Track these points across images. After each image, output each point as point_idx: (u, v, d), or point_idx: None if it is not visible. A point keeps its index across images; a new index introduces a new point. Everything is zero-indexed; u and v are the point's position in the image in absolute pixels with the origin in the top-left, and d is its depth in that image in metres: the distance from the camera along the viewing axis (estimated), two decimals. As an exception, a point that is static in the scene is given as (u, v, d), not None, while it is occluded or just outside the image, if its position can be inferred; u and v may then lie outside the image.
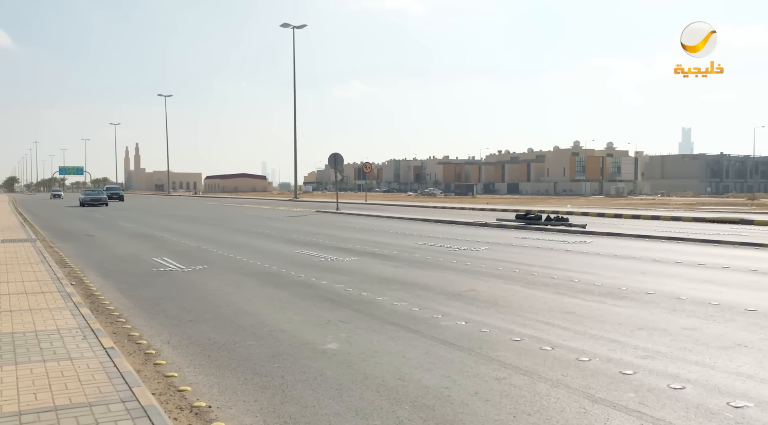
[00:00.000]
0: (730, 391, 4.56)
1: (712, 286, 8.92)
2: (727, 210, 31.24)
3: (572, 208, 32.00)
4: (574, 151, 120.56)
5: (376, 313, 7.36)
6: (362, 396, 4.53)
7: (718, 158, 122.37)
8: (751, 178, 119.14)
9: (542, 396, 4.51)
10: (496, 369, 5.16)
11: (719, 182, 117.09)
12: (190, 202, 56.79)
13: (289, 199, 60.91)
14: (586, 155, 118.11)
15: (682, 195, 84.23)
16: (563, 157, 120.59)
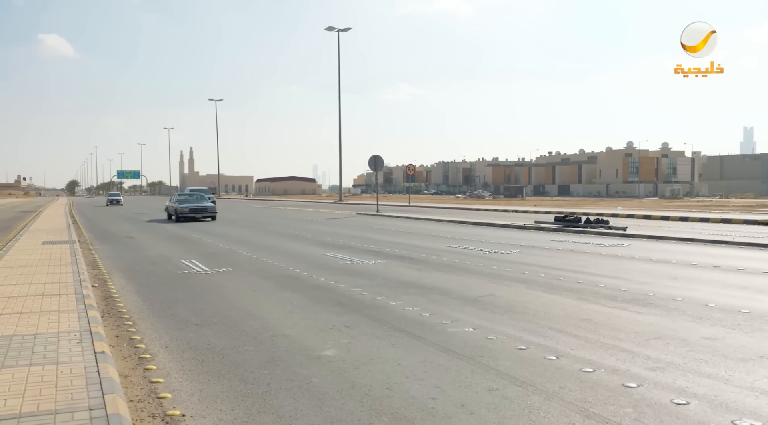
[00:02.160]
0: (739, 408, 4.20)
1: (747, 293, 8.40)
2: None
3: (622, 210, 31.08)
4: (627, 151, 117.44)
5: (384, 318, 7.18)
6: (343, 406, 4.36)
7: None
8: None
9: (532, 409, 4.26)
10: (491, 379, 4.92)
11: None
12: (237, 205, 57.72)
13: (333, 202, 61.22)
14: (639, 156, 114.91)
15: (742, 196, 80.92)
16: (616, 157, 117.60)
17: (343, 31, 53.12)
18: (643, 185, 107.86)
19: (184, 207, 26.77)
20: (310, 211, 39.39)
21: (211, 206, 27.42)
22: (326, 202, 62.29)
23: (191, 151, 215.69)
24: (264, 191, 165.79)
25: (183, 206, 26.84)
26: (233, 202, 67.53)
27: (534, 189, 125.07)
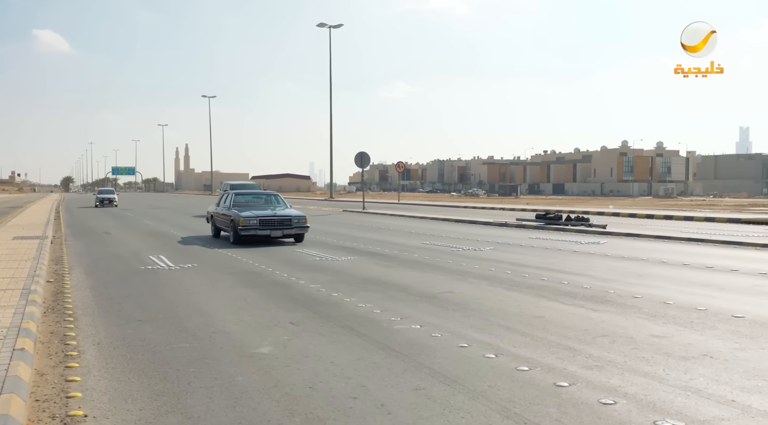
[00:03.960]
0: (666, 408, 4.04)
1: (708, 291, 8.24)
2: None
3: (613, 209, 30.96)
4: (621, 150, 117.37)
5: (333, 315, 7.01)
6: (258, 406, 4.19)
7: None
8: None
9: (452, 409, 4.09)
10: (421, 378, 4.75)
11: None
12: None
13: (324, 199, 61.01)
14: (634, 155, 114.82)
15: (735, 196, 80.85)
16: (610, 157, 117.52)
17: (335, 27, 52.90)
18: (638, 184, 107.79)
19: (249, 217, 14.98)
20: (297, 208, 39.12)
21: (297, 215, 15.50)
22: (317, 199, 62.06)
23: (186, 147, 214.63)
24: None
25: (247, 215, 15.10)
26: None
27: (529, 187, 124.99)
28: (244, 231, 14.76)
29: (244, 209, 15.66)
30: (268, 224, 14.91)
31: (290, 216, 15.30)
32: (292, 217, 15.25)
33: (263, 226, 14.86)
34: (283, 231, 15.00)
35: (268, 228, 14.88)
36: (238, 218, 14.94)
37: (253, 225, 14.79)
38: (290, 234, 15.21)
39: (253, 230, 14.79)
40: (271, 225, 14.93)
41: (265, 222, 14.91)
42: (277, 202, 16.99)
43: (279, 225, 15.02)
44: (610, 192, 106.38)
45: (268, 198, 17.68)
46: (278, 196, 17.59)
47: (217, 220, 16.94)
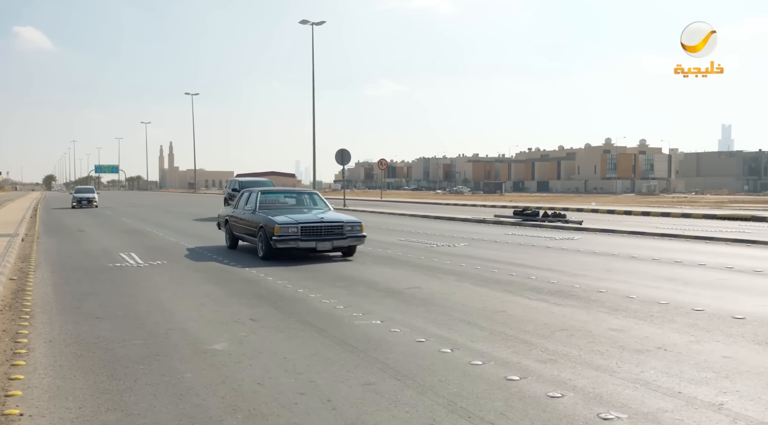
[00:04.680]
0: (612, 401, 4.02)
1: (672, 285, 8.27)
2: (752, 208, 29.97)
3: (595, 206, 31.12)
4: (605, 148, 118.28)
5: (295, 311, 6.96)
6: (202, 403, 4.12)
7: (756, 155, 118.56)
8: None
9: (398, 404, 4.05)
10: (372, 373, 4.70)
11: (757, 180, 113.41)
12: (211, 200, 57.05)
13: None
14: (617, 153, 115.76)
15: (717, 193, 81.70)
16: (594, 154, 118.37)
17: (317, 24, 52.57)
18: (621, 181, 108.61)
19: (287, 223, 11.25)
20: (280, 206, 38.98)
21: (350, 221, 11.83)
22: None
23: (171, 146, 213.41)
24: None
25: (285, 220, 11.33)
26: (207, 197, 66.83)
27: (514, 185, 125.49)
28: (281, 242, 10.94)
29: (275, 212, 11.86)
30: (313, 233, 11.12)
31: (341, 222, 11.52)
32: (344, 224, 11.44)
33: (307, 236, 11.07)
34: (332, 243, 11.17)
35: (313, 238, 11.10)
36: (271, 224, 11.12)
37: (292, 234, 10.99)
38: (341, 246, 11.37)
39: (293, 241, 10.96)
40: (318, 234, 11.14)
41: (310, 230, 11.11)
42: (314, 203, 13.15)
43: (328, 234, 11.20)
44: (593, 189, 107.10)
45: (301, 197, 13.72)
46: (316, 194, 13.66)
47: (234, 227, 13.21)
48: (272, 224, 11.14)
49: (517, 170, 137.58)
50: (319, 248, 11.22)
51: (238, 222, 13.06)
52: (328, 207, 12.85)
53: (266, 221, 11.41)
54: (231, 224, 13.48)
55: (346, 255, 11.65)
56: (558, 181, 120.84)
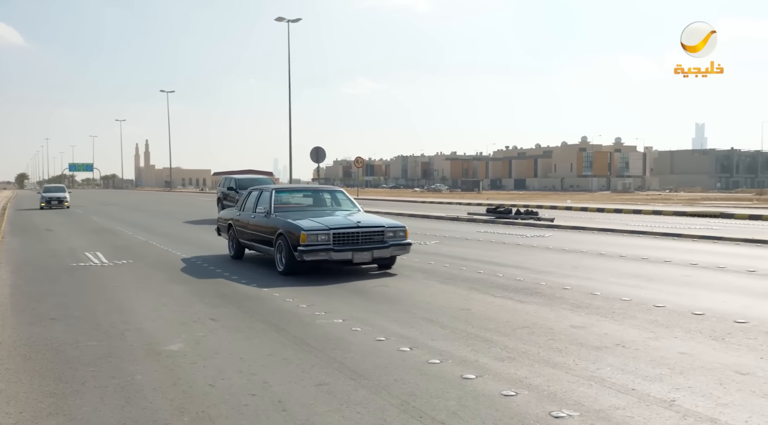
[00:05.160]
0: (565, 398, 4.00)
1: (637, 281, 8.31)
2: (723, 205, 30.40)
3: (571, 203, 31.33)
4: (581, 146, 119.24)
5: (258, 310, 6.86)
6: (149, 405, 4.02)
7: (728, 153, 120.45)
8: (762, 173, 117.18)
9: (350, 404, 3.99)
10: (328, 373, 4.63)
11: (729, 177, 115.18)
12: (186, 198, 56.49)
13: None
14: (593, 151, 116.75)
15: (690, 190, 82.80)
16: (570, 152, 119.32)
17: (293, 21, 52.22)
18: (597, 179, 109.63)
19: (315, 229, 8.94)
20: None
21: (392, 226, 9.55)
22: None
23: (146, 144, 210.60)
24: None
25: (312, 226, 9.05)
26: (182, 196, 66.19)
27: (491, 183, 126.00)
28: (309, 253, 8.72)
29: (296, 215, 9.74)
30: (348, 241, 8.95)
31: (382, 226, 9.34)
32: (386, 228, 9.28)
33: (341, 245, 8.88)
34: (372, 253, 8.99)
35: (348, 247, 8.90)
36: (295, 231, 8.89)
37: (322, 243, 8.79)
38: (383, 257, 9.20)
39: (324, 251, 8.77)
40: (354, 242, 8.97)
41: (344, 237, 8.94)
42: (337, 203, 10.94)
43: (366, 242, 9.04)
44: (570, 187, 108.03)
45: (321, 196, 11.36)
46: (341, 192, 11.35)
47: (241, 233, 10.97)
48: (297, 231, 8.83)
49: (494, 168, 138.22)
50: (357, 260, 8.93)
51: (246, 228, 10.75)
52: (357, 207, 10.66)
53: (287, 227, 9.12)
54: (236, 229, 11.20)
55: (383, 268, 9.55)
56: (535, 179, 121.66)
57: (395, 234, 9.30)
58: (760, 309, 6.51)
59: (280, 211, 10.02)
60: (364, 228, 9.14)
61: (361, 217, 9.82)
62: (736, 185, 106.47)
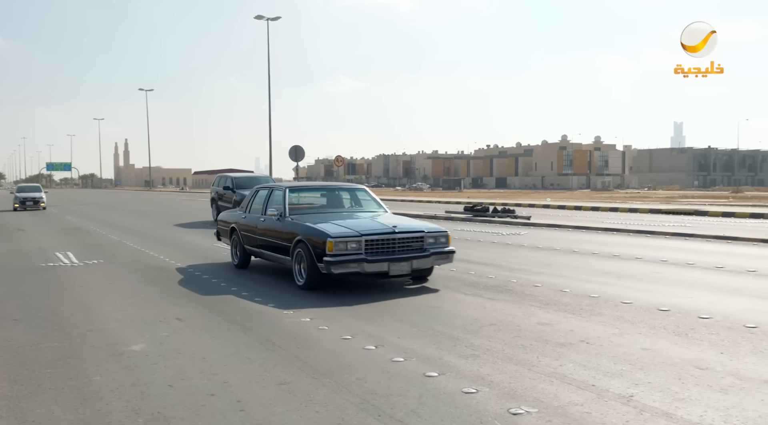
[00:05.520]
0: (525, 395, 4.00)
1: (607, 278, 8.37)
2: (699, 202, 30.77)
3: (550, 201, 31.51)
4: (561, 145, 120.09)
5: (225, 310, 6.79)
6: (104, 407, 3.95)
7: (705, 152, 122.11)
8: (738, 172, 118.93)
9: (309, 403, 3.95)
10: (290, 372, 4.59)
11: (706, 175, 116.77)
12: (165, 197, 55.99)
13: (266, 194, 60.14)
14: (573, 149, 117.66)
15: (668, 188, 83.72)
16: (551, 151, 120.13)
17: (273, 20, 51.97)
18: (577, 177, 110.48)
19: (344, 236, 7.53)
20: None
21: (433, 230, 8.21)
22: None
23: (126, 143, 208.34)
24: (201, 184, 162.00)
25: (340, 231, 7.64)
26: (161, 195, 65.60)
27: (473, 181, 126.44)
28: (338, 265, 7.34)
29: (316, 218, 8.38)
30: (383, 249, 7.55)
31: (422, 231, 7.96)
32: (426, 234, 7.91)
33: (374, 253, 7.49)
34: (412, 263, 7.61)
35: (383, 256, 7.50)
36: (320, 237, 7.51)
37: (353, 252, 7.42)
38: (423, 269, 7.96)
39: (355, 262, 7.38)
40: (390, 250, 7.58)
41: (379, 245, 7.53)
42: (357, 203, 9.66)
43: (404, 250, 7.66)
44: (550, 185, 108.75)
45: (338, 195, 9.87)
46: (364, 190, 9.98)
47: (247, 239, 9.61)
48: (321, 237, 7.46)
49: (475, 167, 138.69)
50: (394, 272, 7.51)
51: (253, 233, 9.36)
52: (383, 207, 9.37)
53: (309, 232, 7.74)
54: (241, 235, 9.78)
55: (418, 280, 8.26)
56: (516, 177, 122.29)
57: (436, 240, 7.95)
58: (723, 305, 6.57)
59: (295, 213, 8.65)
60: (402, 234, 7.67)
61: (395, 220, 8.38)
62: (713, 183, 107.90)
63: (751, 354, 4.82)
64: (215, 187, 21.24)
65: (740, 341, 5.19)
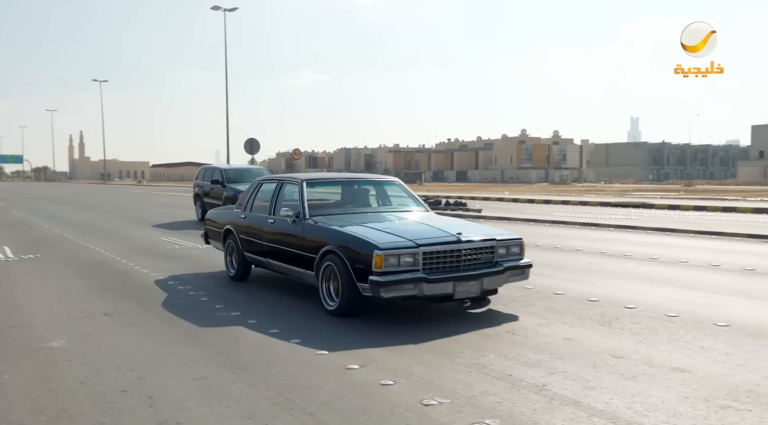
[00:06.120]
0: (441, 387, 4.01)
1: (544, 270, 8.35)
2: (650, 196, 31.48)
3: (509, 195, 31.87)
4: (521, 139, 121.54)
5: (156, 304, 6.67)
6: (7, 405, 3.82)
7: (659, 146, 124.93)
8: (690, 166, 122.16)
9: (223, 398, 3.89)
10: (211, 367, 4.52)
11: (660, 169, 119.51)
12: (119, 191, 54.76)
13: (224, 188, 59.31)
14: (532, 143, 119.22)
15: (624, 182, 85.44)
16: (510, 145, 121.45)
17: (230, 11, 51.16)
18: (536, 171, 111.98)
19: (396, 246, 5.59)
20: (187, 196, 37.73)
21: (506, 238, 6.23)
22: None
23: (81, 135, 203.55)
24: (160, 177, 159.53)
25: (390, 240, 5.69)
26: (116, 189, 64.15)
27: (434, 175, 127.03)
28: (390, 287, 5.46)
29: (344, 222, 6.48)
30: (446, 263, 5.75)
31: (493, 239, 6.10)
32: (497, 242, 6.08)
33: (435, 270, 5.68)
34: (482, 283, 5.86)
35: (447, 274, 5.71)
36: (362, 249, 5.67)
37: (407, 268, 5.58)
38: (494, 288, 6.24)
39: (411, 282, 5.52)
40: (455, 265, 5.79)
41: (439, 258, 5.72)
42: (385, 200, 7.74)
43: (471, 264, 5.90)
44: (510, 179, 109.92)
45: (362, 191, 7.88)
46: (397, 183, 8.01)
47: (248, 244, 7.73)
48: (365, 248, 5.58)
49: (436, 160, 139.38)
50: (460, 294, 5.70)
51: (258, 238, 7.46)
52: (423, 205, 7.58)
53: (344, 240, 5.90)
54: (241, 239, 7.88)
55: (476, 301, 6.37)
56: (476, 171, 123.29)
57: (508, 250, 6.13)
58: (650, 295, 6.72)
59: (317, 214, 6.76)
60: (470, 244, 5.85)
61: (454, 224, 6.56)
62: (666, 177, 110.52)
63: (667, 343, 4.93)
64: (200, 182, 18.54)
65: (659, 330, 5.31)
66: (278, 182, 7.77)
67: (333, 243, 6.01)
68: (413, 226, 6.37)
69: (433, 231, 6.02)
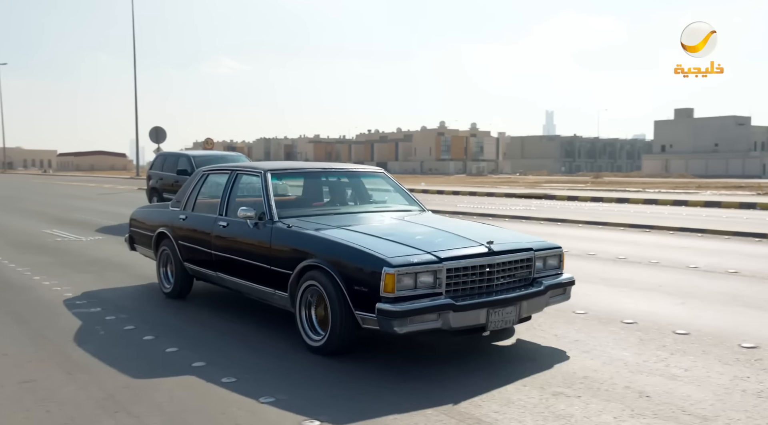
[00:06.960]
0: (277, 385, 3.90)
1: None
2: (558, 187, 32.55)
3: (425, 186, 32.11)
4: (439, 131, 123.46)
5: (12, 300, 6.30)
6: None
7: (571, 139, 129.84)
8: (599, 158, 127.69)
9: (48, 402, 3.65)
10: (47, 369, 4.26)
11: (572, 162, 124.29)
12: (16, 181, 51.71)
13: (130, 177, 57.09)
14: (450, 135, 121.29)
15: (538, 174, 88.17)
16: (429, 136, 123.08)
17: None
18: (454, 163, 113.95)
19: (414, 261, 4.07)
20: (92, 186, 36.07)
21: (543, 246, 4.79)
22: (122, 178, 57.69)
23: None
24: (68, 166, 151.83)
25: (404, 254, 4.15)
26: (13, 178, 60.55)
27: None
28: (406, 318, 3.96)
29: (324, 225, 4.91)
30: (475, 283, 4.27)
31: (530, 249, 4.65)
32: (535, 253, 4.64)
33: (462, 292, 4.22)
34: (520, 308, 4.39)
35: (478, 298, 4.23)
36: (367, 264, 4.13)
37: (427, 291, 4.09)
38: (528, 318, 4.73)
39: (433, 310, 4.03)
40: (487, 285, 4.34)
41: (466, 277, 4.24)
42: (367, 197, 6.22)
43: (506, 285, 4.45)
44: (429, 170, 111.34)
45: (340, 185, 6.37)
46: (380, 177, 6.36)
47: (191, 253, 6.10)
48: (370, 263, 4.15)
49: (357, 151, 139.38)
50: (493, 326, 4.29)
51: (205, 246, 5.85)
52: (417, 203, 6.11)
53: (335, 251, 4.46)
54: (180, 247, 6.25)
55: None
56: (396, 162, 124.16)
57: (545, 263, 4.79)
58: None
59: (288, 215, 5.20)
60: (504, 256, 4.46)
61: (478, 230, 5.16)
62: (578, 169, 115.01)
63: (523, 332, 5.01)
64: (157, 171, 14.61)
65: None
66: (231, 173, 6.01)
67: (319, 256, 4.47)
68: (424, 233, 4.76)
69: (455, 240, 4.55)
